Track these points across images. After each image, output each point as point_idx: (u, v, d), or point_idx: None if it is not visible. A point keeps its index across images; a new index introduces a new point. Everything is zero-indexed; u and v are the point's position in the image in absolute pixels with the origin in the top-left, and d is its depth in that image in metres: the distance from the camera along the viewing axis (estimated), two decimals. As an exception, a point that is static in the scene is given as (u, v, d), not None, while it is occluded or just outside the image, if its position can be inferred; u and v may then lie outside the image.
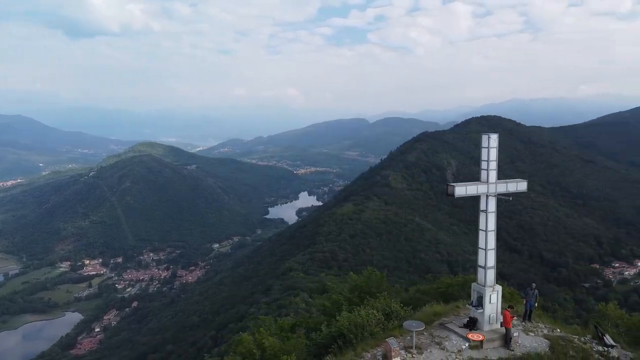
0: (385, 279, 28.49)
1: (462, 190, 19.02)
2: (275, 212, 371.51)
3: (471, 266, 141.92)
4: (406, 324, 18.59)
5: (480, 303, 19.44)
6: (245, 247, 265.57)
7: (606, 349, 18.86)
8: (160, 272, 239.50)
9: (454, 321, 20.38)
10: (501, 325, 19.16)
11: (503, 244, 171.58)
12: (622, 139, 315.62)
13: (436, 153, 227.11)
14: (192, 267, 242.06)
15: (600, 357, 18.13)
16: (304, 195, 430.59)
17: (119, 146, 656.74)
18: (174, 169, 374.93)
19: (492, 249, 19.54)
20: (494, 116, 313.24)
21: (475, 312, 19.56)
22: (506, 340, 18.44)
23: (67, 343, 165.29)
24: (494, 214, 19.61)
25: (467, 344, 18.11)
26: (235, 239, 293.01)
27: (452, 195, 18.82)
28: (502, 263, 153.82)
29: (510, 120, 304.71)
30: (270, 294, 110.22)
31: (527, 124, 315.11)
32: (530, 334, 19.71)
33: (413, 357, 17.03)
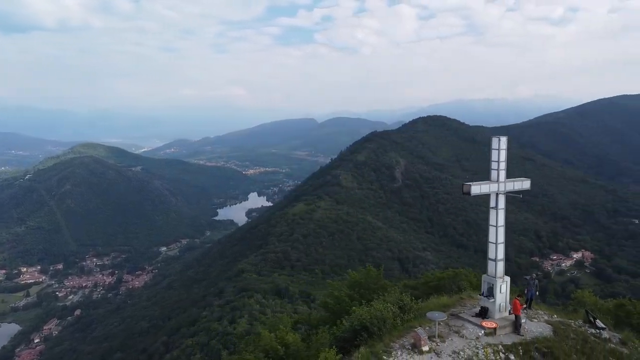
0: (382, 275, 29.26)
1: (477, 189, 20.08)
2: (224, 214, 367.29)
3: (421, 263, 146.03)
4: (429, 314, 19.65)
5: (491, 293, 20.72)
6: (195, 250, 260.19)
7: (598, 331, 20.85)
8: (105, 277, 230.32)
9: (465, 311, 21.78)
10: (510, 313, 20.59)
11: (451, 239, 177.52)
12: (557, 138, 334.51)
13: (385, 152, 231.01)
14: (139, 272, 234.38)
15: (595, 339, 20.09)
16: (253, 195, 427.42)
17: (57, 147, 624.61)
18: (118, 170, 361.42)
19: (502, 243, 20.75)
20: (440, 116, 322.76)
21: (486, 302, 20.81)
22: (516, 326, 19.85)
23: (4, 356, 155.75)
24: (503, 210, 20.75)
25: (482, 332, 19.44)
26: (184, 241, 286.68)
27: (469, 193, 19.73)
28: (450, 258, 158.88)
29: (455, 120, 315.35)
30: (223, 296, 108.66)
31: (471, 124, 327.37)
32: (534, 320, 21.38)
33: (438, 345, 18.16)
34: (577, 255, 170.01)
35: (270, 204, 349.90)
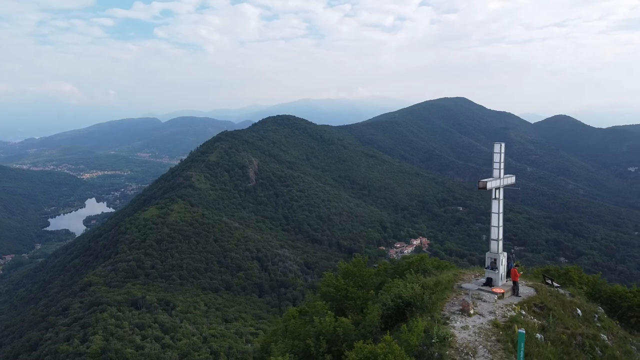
0: (366, 264, 32.64)
1: (490, 184, 24.99)
2: (57, 224, 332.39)
3: (279, 260, 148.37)
4: (465, 285, 24.56)
5: (494, 266, 25.72)
6: (24, 266, 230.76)
7: (556, 289, 26.65)
8: None
9: (473, 283, 26.35)
10: (507, 281, 25.64)
11: (305, 235, 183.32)
12: (393, 135, 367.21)
13: (237, 152, 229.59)
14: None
15: (558, 295, 25.78)
16: (91, 202, 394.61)
17: None
18: None
19: (501, 226, 26.03)
20: (289, 115, 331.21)
21: (491, 273, 25.70)
22: (514, 290, 24.81)
23: None
24: (502, 200, 26.02)
25: (495, 296, 24.00)
26: (8, 257, 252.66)
27: (484, 188, 24.59)
28: (307, 254, 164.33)
29: (303, 120, 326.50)
30: (69, 313, 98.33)
31: (317, 123, 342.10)
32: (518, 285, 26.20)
33: (473, 309, 22.10)
34: (416, 242, 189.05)
35: (112, 210, 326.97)
